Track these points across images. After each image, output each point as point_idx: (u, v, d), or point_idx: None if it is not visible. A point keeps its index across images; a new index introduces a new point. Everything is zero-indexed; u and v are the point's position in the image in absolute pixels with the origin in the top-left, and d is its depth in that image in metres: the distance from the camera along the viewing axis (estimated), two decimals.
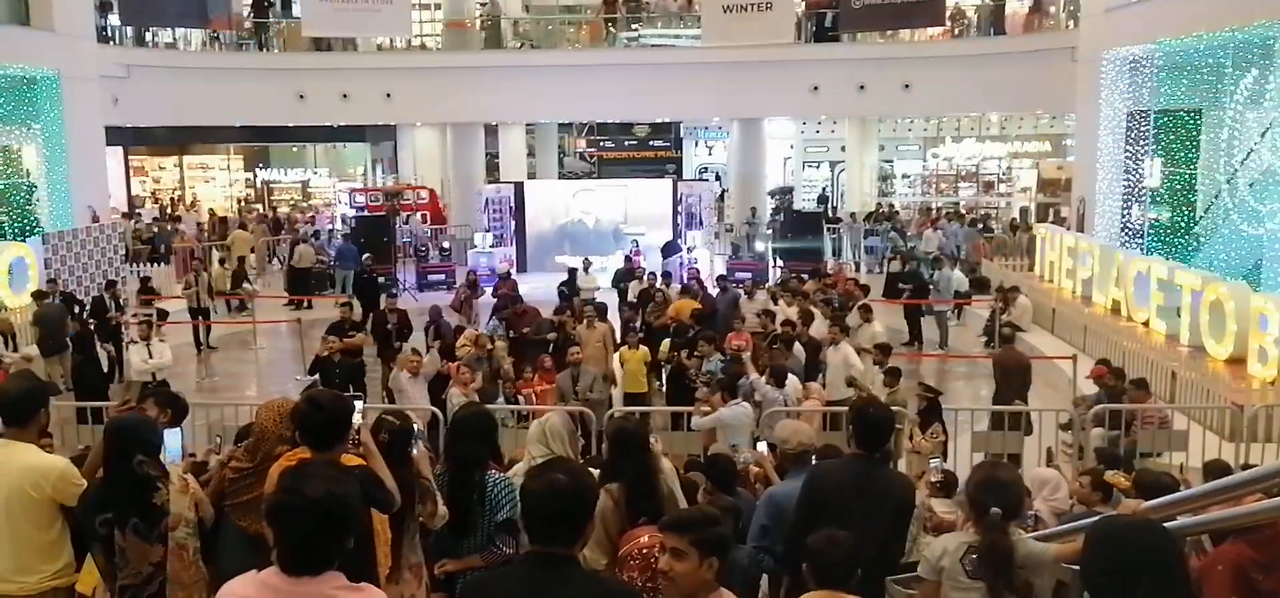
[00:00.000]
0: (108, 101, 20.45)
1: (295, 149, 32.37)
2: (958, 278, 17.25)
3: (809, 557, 3.41)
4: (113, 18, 22.57)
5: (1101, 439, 8.71)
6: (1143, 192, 16.52)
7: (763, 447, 6.54)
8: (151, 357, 11.29)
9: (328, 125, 27.44)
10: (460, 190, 25.56)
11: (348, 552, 2.67)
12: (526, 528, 2.96)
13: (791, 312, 12.75)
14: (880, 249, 22.78)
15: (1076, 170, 19.92)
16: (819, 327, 12.00)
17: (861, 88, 22.66)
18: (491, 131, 26.83)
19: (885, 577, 4.21)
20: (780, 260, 21.56)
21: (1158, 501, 4.01)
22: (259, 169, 31.93)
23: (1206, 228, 15.55)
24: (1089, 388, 10.05)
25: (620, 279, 17.32)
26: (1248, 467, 7.61)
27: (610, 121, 31.09)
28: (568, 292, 16.05)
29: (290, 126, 27.10)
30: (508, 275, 17.71)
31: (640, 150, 32.83)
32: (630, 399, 11.07)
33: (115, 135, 23.32)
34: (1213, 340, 12.16)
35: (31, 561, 4.22)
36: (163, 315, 13.43)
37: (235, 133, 28.72)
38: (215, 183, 31.62)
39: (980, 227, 23.78)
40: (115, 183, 25.47)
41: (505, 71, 23.53)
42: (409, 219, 24.06)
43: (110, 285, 15.85)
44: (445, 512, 4.25)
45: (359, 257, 18.96)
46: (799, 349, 10.98)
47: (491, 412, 5.21)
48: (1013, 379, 10.39)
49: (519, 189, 23.37)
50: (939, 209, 26.94)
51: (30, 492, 4.16)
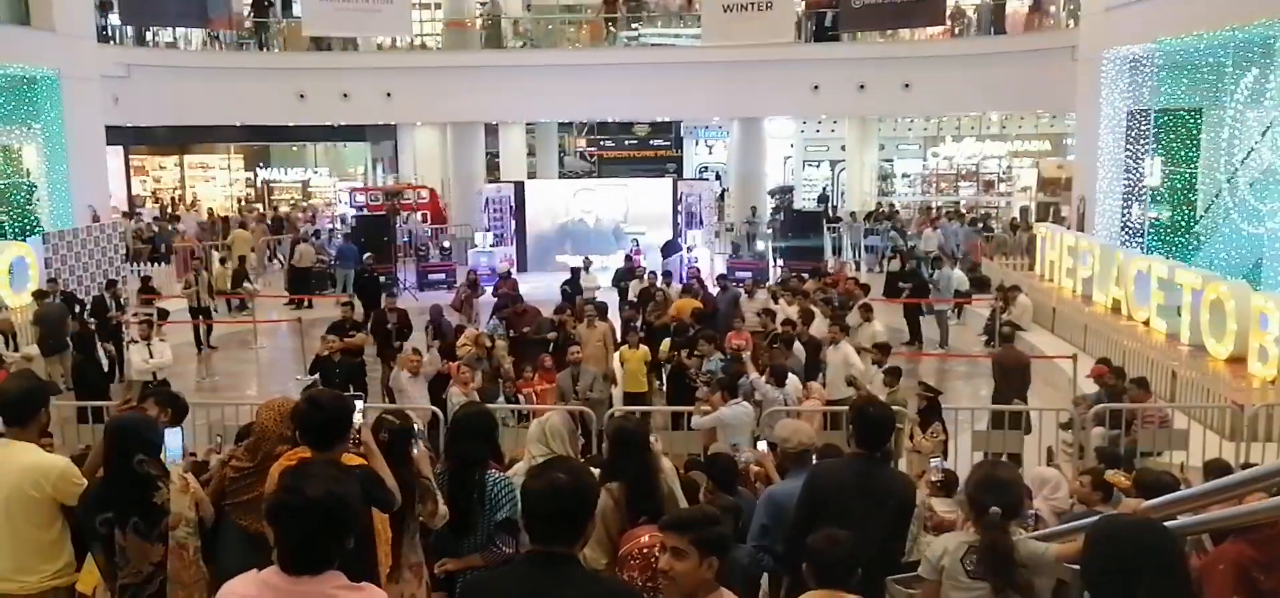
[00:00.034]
0: (108, 101, 20.45)
1: (295, 149, 32.37)
2: (958, 277, 17.23)
3: (809, 556, 3.41)
4: (113, 17, 22.57)
5: (1102, 438, 8.71)
6: (1143, 191, 16.51)
7: (763, 446, 6.54)
8: (152, 356, 11.29)
9: (328, 125, 27.44)
10: (460, 190, 25.55)
11: (348, 551, 2.67)
12: (527, 527, 2.96)
13: (792, 311, 12.75)
14: (880, 248, 22.79)
15: (1077, 169, 19.91)
16: (819, 326, 12.00)
17: (862, 87, 22.66)
18: (492, 131, 26.82)
19: (886, 576, 4.21)
20: (780, 260, 21.56)
21: (1158, 500, 4.01)
22: (259, 169, 31.93)
23: (1207, 227, 15.54)
24: (1089, 387, 10.04)
25: (620, 278, 17.32)
26: (1248, 466, 7.61)
27: (610, 121, 31.10)
28: (571, 290, 16.05)
29: (290, 126, 27.11)
30: (508, 275, 17.70)
31: (640, 150, 32.85)
32: (630, 399, 11.06)
33: (115, 135, 23.32)
34: (1213, 340, 12.16)
35: (32, 560, 4.22)
36: (163, 315, 13.43)
37: (236, 132, 28.71)
38: (215, 182, 31.62)
39: (980, 226, 23.78)
40: (116, 182, 25.45)
41: (505, 71, 23.52)
42: (408, 218, 24.04)
43: (111, 285, 15.85)
44: (445, 511, 4.25)
45: (359, 256, 18.95)
46: (799, 349, 10.99)
47: (492, 411, 5.20)
48: (1012, 378, 10.40)
49: (519, 189, 23.39)
50: (939, 208, 26.94)
51: (31, 491, 4.16)
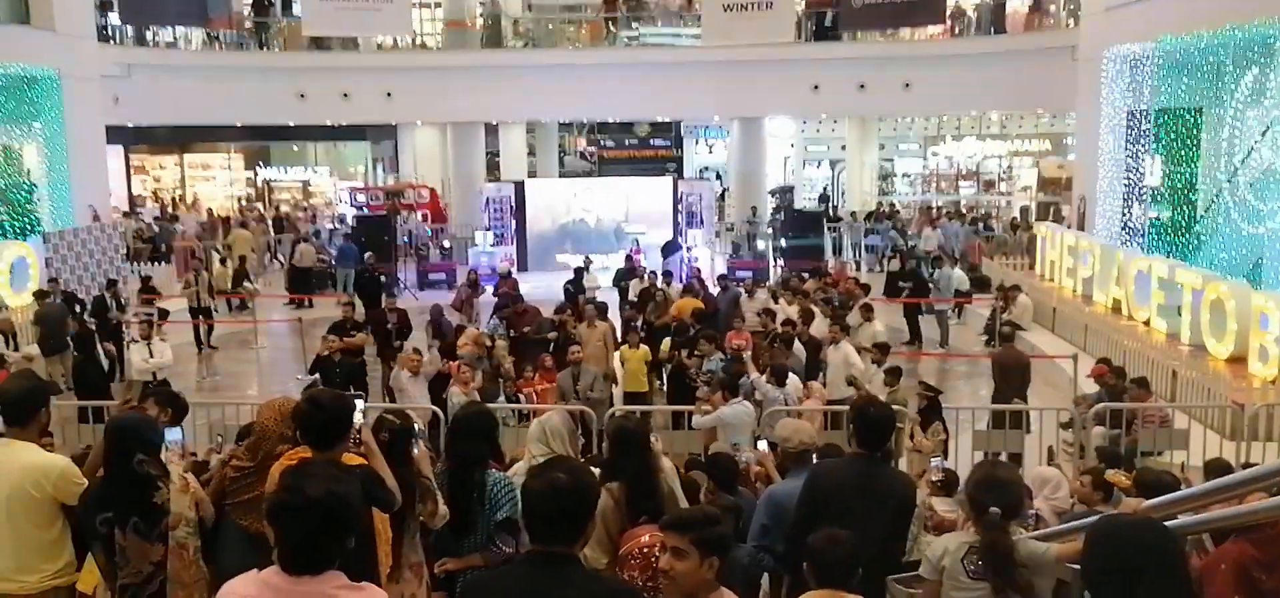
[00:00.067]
0: (108, 101, 20.45)
1: (296, 148, 32.35)
2: (958, 276, 17.23)
3: (810, 556, 3.41)
4: (113, 17, 22.57)
5: (1102, 438, 8.70)
6: (1143, 190, 16.49)
7: (763, 446, 6.54)
8: (152, 356, 11.29)
9: (328, 124, 27.42)
10: (461, 189, 25.54)
11: (349, 551, 2.67)
12: (528, 527, 2.96)
13: (792, 311, 12.75)
14: (880, 248, 22.79)
15: (1077, 169, 19.91)
16: (819, 326, 12.00)
17: (862, 87, 22.66)
18: (492, 131, 26.81)
19: (886, 576, 4.21)
20: (781, 259, 21.55)
21: (1159, 499, 4.00)
22: (259, 168, 31.92)
23: (1207, 227, 15.52)
24: (1090, 387, 10.04)
25: (621, 278, 17.31)
26: (1248, 465, 7.61)
27: (611, 121, 31.08)
28: (574, 290, 16.03)
29: (291, 126, 27.09)
30: (508, 274, 17.70)
31: (641, 149, 32.83)
32: (631, 398, 11.06)
33: (116, 134, 23.33)
34: (1213, 339, 12.15)
35: (32, 560, 4.22)
36: (164, 315, 13.43)
37: (236, 132, 28.71)
38: (216, 182, 31.60)
39: (981, 226, 23.77)
40: (116, 182, 25.44)
41: (506, 71, 23.52)
42: (408, 218, 24.03)
43: (111, 285, 15.85)
44: (446, 511, 4.25)
45: (360, 256, 18.95)
46: (799, 348, 10.99)
47: (492, 411, 5.21)
48: (1012, 378, 10.39)
49: (519, 188, 23.38)
50: (939, 208, 26.93)
51: (31, 491, 4.16)
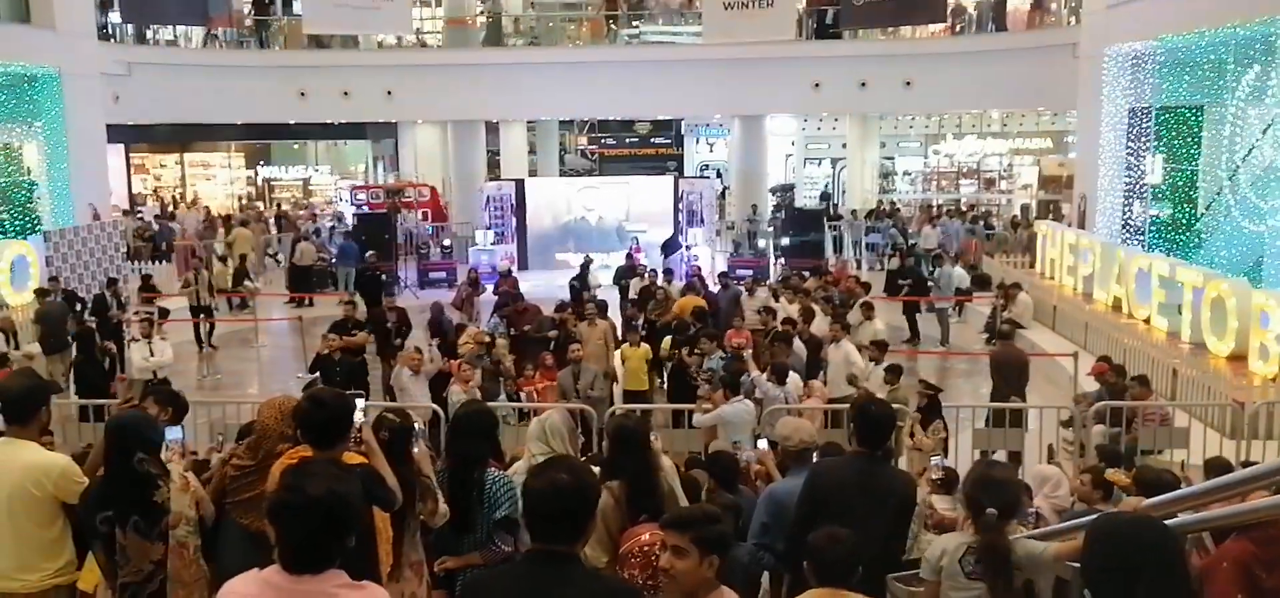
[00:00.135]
0: (109, 99, 20.46)
1: (296, 146, 32.37)
2: (958, 275, 17.22)
3: (810, 554, 3.41)
4: (113, 15, 22.58)
5: (1103, 436, 8.69)
6: (1144, 188, 16.49)
7: (764, 444, 6.54)
8: (153, 355, 11.28)
9: (328, 123, 27.44)
10: (461, 188, 25.54)
11: (349, 550, 2.67)
12: (529, 526, 2.96)
13: (792, 309, 12.75)
14: (881, 246, 22.80)
15: (1078, 167, 19.89)
16: (820, 324, 12.00)
17: (863, 85, 22.65)
18: (493, 129, 26.80)
19: (887, 575, 4.22)
20: (781, 258, 21.55)
21: (1159, 498, 4.00)
22: (260, 167, 31.93)
23: (1208, 225, 15.52)
24: (1090, 385, 10.03)
25: (621, 276, 17.31)
26: (1249, 464, 7.61)
27: (611, 119, 31.08)
28: (579, 286, 16.00)
29: (291, 124, 27.10)
30: (509, 273, 17.69)
31: (641, 148, 32.84)
32: (631, 397, 11.04)
33: (116, 133, 23.32)
34: (1214, 337, 12.14)
35: (33, 558, 4.23)
36: (164, 313, 13.43)
37: (236, 130, 28.73)
38: (216, 180, 31.62)
39: (982, 224, 23.76)
40: (116, 181, 25.45)
41: (506, 69, 23.51)
42: (407, 217, 24.01)
43: (112, 283, 15.85)
44: (446, 510, 4.25)
45: (360, 254, 18.95)
46: (800, 347, 10.98)
47: (492, 409, 5.20)
48: (1009, 376, 10.38)
49: (520, 187, 23.36)
50: (940, 206, 26.92)
51: (32, 490, 4.17)
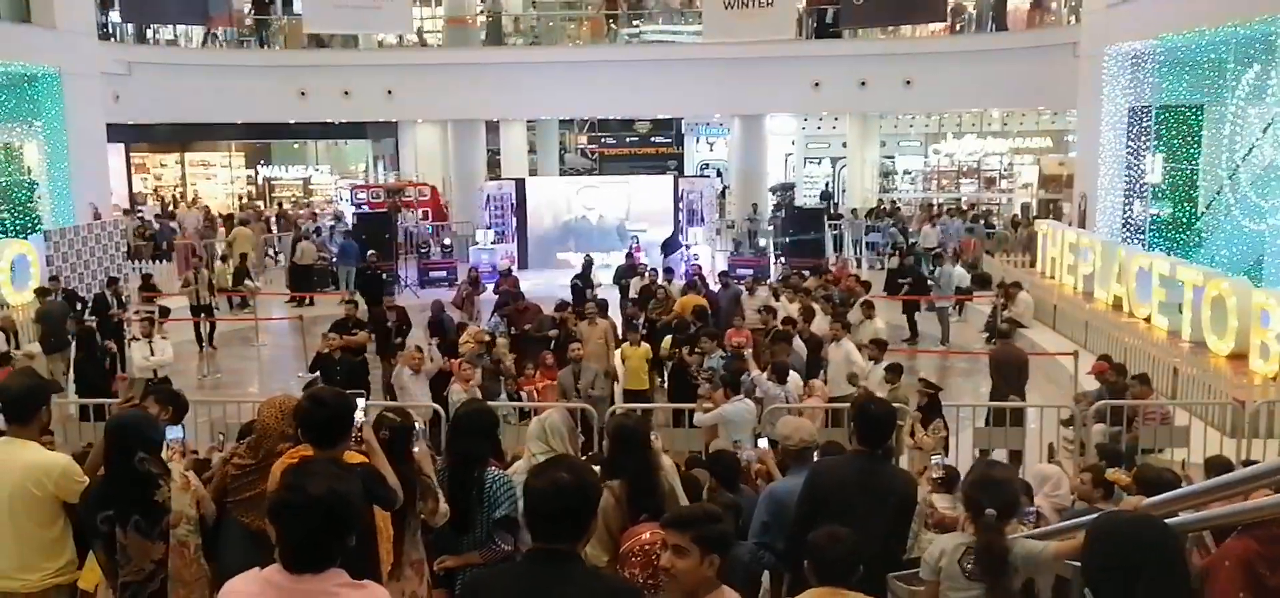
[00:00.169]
0: (109, 99, 20.45)
1: (296, 146, 32.37)
2: (958, 274, 17.22)
3: (810, 554, 3.41)
4: (114, 15, 22.57)
5: (1103, 435, 8.69)
6: (1144, 187, 16.49)
7: (764, 443, 6.55)
8: (153, 354, 11.29)
9: (329, 122, 27.44)
10: (462, 187, 25.53)
11: (350, 549, 2.67)
12: (530, 526, 2.96)
13: (793, 308, 12.75)
14: (881, 245, 22.80)
15: (1078, 166, 19.89)
16: (820, 323, 12.00)
17: (863, 84, 22.64)
18: (493, 128, 26.80)
19: (887, 574, 4.22)
20: (781, 257, 21.55)
21: (1160, 497, 4.00)
22: (260, 166, 31.93)
23: (1208, 223, 15.52)
24: (1091, 384, 10.03)
25: (622, 276, 17.31)
26: (1249, 463, 7.61)
27: (612, 118, 31.07)
28: (582, 284, 15.99)
29: (291, 123, 27.10)
30: (509, 272, 17.70)
31: (642, 147, 32.82)
32: (632, 396, 11.04)
33: (117, 132, 23.32)
34: (1214, 336, 12.14)
35: (34, 558, 4.22)
36: (164, 313, 13.43)
37: (237, 130, 28.72)
38: (216, 180, 31.62)
39: (982, 223, 23.75)
40: (117, 180, 25.45)
41: (506, 68, 23.50)
42: (407, 216, 24.00)
43: (112, 282, 15.85)
44: (447, 509, 4.25)
45: (361, 253, 18.95)
46: (800, 346, 10.98)
47: (493, 408, 5.21)
48: (1008, 375, 10.37)
49: (520, 186, 23.36)
50: (940, 205, 26.91)
51: (32, 489, 4.17)
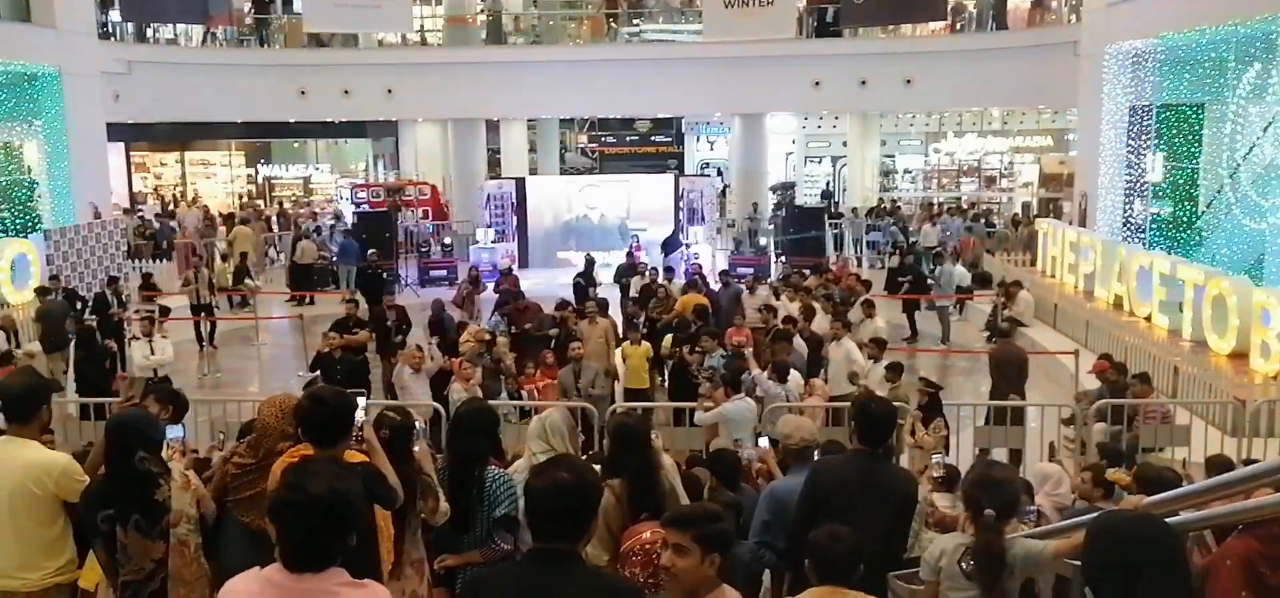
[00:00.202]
0: (109, 98, 20.44)
1: (296, 145, 32.36)
2: (959, 272, 17.21)
3: (811, 553, 3.41)
4: (114, 14, 22.57)
5: (1104, 434, 8.69)
6: (1145, 186, 16.49)
7: (765, 442, 6.55)
8: (153, 353, 11.29)
9: (329, 121, 27.43)
10: (462, 186, 25.53)
11: (350, 548, 2.67)
12: (531, 525, 2.96)
13: (793, 307, 12.75)
14: (882, 244, 22.80)
15: (1078, 165, 19.88)
16: (820, 322, 12.00)
17: (863, 83, 22.64)
18: (493, 127, 26.80)
19: (888, 573, 4.22)
20: (782, 256, 21.55)
21: (1160, 496, 4.00)
22: (260, 165, 31.92)
23: (1209, 222, 15.52)
24: (1091, 383, 10.03)
25: (622, 275, 17.31)
26: (1250, 462, 7.61)
27: (612, 117, 31.06)
28: (585, 282, 15.98)
29: (291, 122, 27.10)
30: (509, 271, 17.70)
31: (642, 146, 32.80)
32: (632, 395, 11.04)
33: (117, 131, 23.31)
34: (1215, 335, 12.14)
35: (34, 557, 4.22)
36: (164, 312, 13.44)
37: (237, 129, 28.71)
38: (216, 179, 31.62)
39: (983, 222, 23.75)
40: (117, 179, 25.44)
41: (507, 67, 23.50)
42: (407, 215, 23.99)
43: (112, 281, 15.85)
44: (447, 508, 4.25)
45: (361, 253, 18.94)
46: (801, 345, 10.98)
47: (493, 407, 5.20)
48: (1009, 374, 10.37)
49: (520, 185, 23.36)
50: (940, 204, 26.91)
51: (33, 488, 4.17)
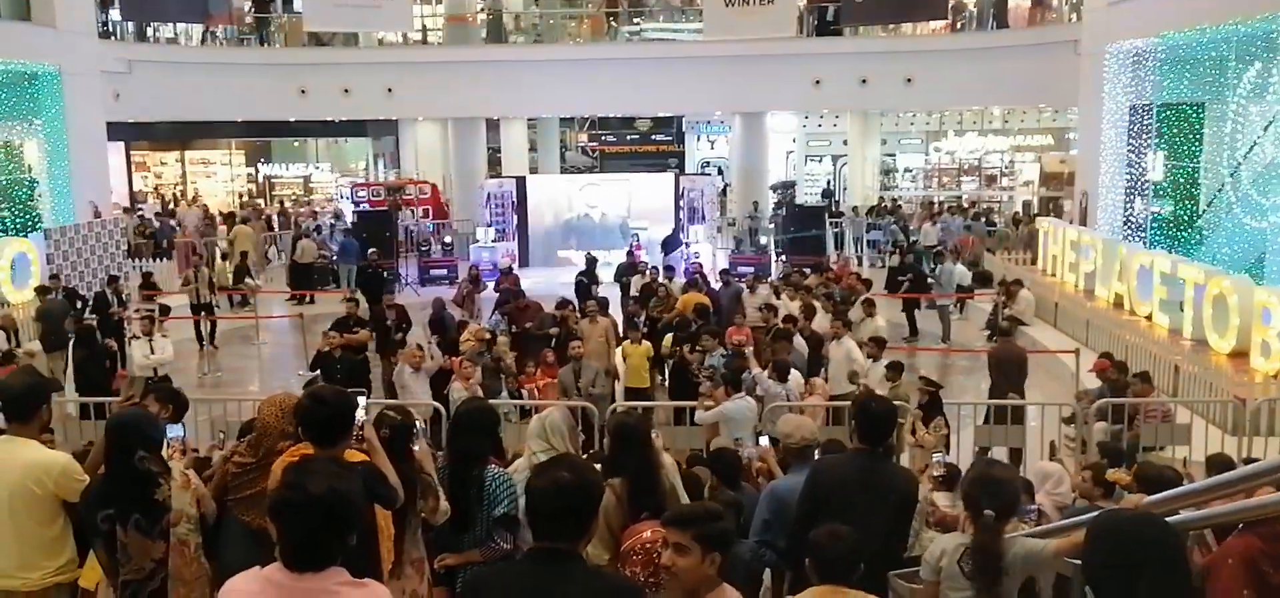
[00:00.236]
0: (109, 97, 20.45)
1: (297, 144, 32.37)
2: (959, 271, 17.20)
3: (811, 552, 3.41)
4: (114, 13, 22.57)
5: (1104, 433, 8.69)
6: (1146, 185, 16.49)
7: (765, 441, 6.55)
8: (153, 352, 11.28)
9: (329, 120, 27.44)
10: (462, 185, 25.53)
11: (351, 548, 2.67)
12: (531, 525, 2.96)
13: (793, 306, 12.74)
14: (882, 243, 22.80)
15: (1079, 164, 19.89)
16: (821, 321, 11.99)
17: (863, 82, 22.65)
18: (493, 126, 26.80)
19: (888, 572, 4.21)
20: (782, 255, 21.55)
21: (1161, 495, 4.00)
22: (260, 164, 31.92)
23: (1209, 221, 15.52)
24: (1092, 382, 10.03)
25: (623, 274, 17.30)
26: (1250, 461, 7.60)
27: (612, 116, 31.06)
28: (587, 281, 15.97)
29: (291, 121, 27.11)
30: (510, 270, 17.69)
31: (642, 145, 32.81)
32: (633, 394, 11.03)
33: (117, 130, 23.32)
34: (1216, 334, 12.14)
35: (34, 557, 4.22)
36: (165, 311, 13.44)
37: (237, 128, 28.72)
38: (217, 178, 31.63)
39: (983, 221, 23.74)
40: (117, 178, 25.44)
41: (507, 66, 23.50)
42: (408, 214, 23.98)
43: (112, 281, 15.85)
44: (447, 507, 4.25)
45: (362, 252, 18.94)
46: (801, 344, 10.98)
47: (494, 407, 5.20)
48: (1008, 373, 10.36)
49: (521, 184, 23.34)
50: (941, 203, 26.91)
51: (33, 488, 4.16)
